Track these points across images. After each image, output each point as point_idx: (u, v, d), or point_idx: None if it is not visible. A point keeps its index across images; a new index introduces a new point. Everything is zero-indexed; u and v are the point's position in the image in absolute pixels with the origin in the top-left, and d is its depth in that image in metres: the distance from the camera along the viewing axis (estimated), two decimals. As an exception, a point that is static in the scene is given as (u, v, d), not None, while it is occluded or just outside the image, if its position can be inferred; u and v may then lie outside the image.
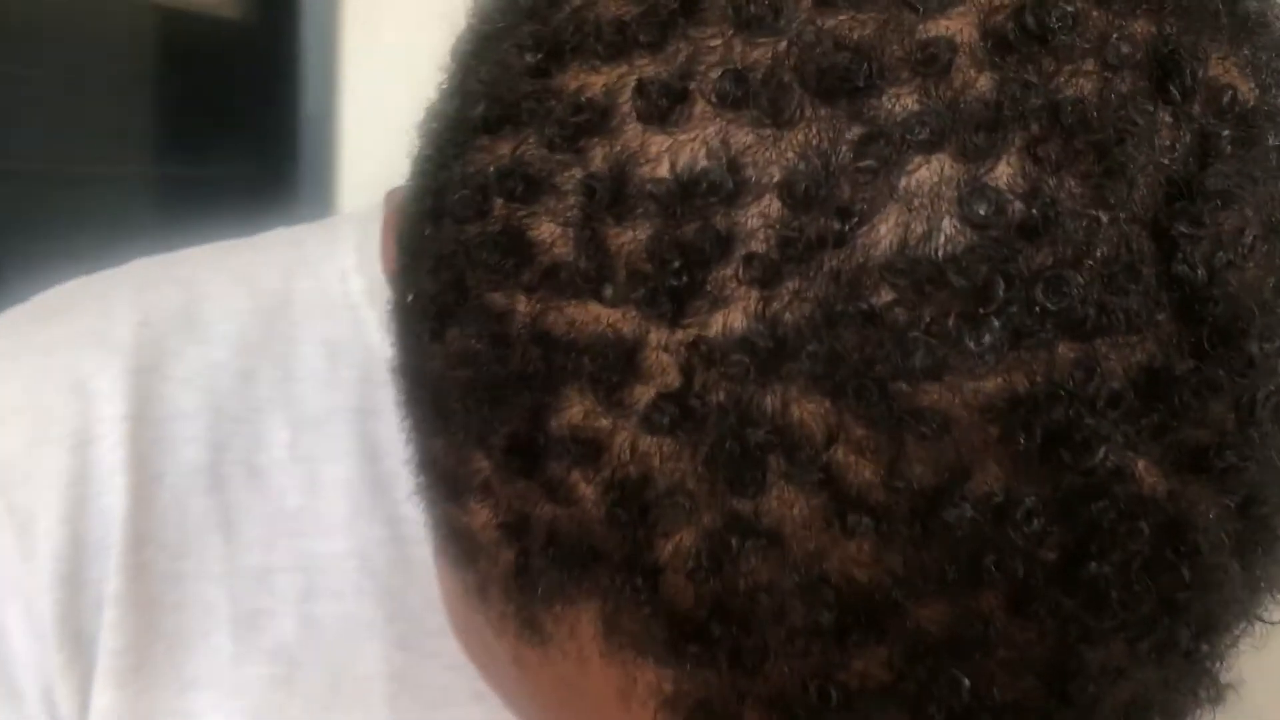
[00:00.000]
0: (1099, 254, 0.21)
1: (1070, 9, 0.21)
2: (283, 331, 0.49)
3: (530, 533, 0.26)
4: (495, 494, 0.26)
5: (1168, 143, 0.21)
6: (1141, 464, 0.22)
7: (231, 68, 1.05)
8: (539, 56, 0.24)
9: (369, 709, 0.47)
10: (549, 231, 0.24)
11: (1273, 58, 0.23)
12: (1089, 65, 0.21)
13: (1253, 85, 0.23)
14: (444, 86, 0.29)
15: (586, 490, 0.24)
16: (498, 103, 0.25)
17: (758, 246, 0.22)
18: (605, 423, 0.24)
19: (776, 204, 0.22)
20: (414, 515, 0.45)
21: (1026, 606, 0.22)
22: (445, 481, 0.28)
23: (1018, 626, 0.22)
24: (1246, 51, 0.23)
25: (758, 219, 0.22)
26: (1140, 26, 0.22)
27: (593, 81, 0.24)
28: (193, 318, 0.49)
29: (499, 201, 0.25)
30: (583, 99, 0.24)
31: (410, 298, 0.28)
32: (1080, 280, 0.21)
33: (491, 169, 0.25)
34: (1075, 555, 0.21)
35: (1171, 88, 0.21)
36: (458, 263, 0.26)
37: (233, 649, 0.47)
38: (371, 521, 0.48)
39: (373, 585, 0.47)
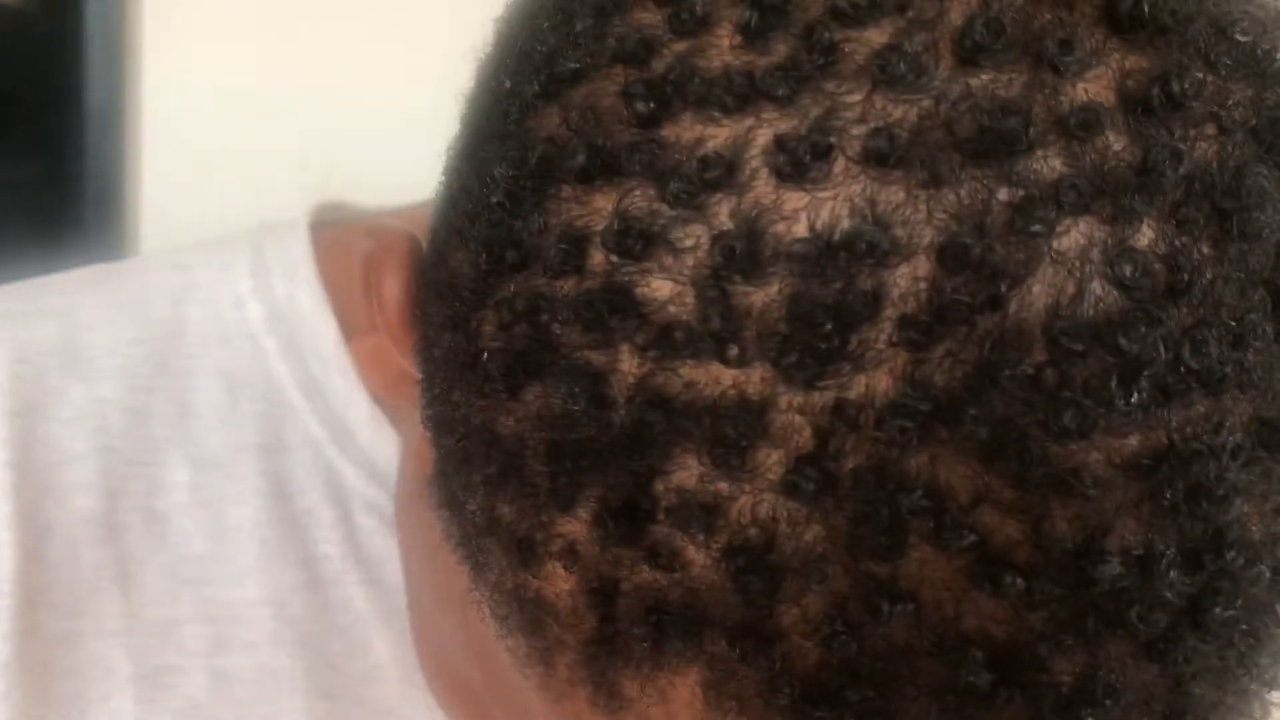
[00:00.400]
0: (1230, 313, 0.22)
1: (1199, 75, 0.22)
2: (176, 364, 0.46)
3: (621, 600, 0.25)
4: (582, 559, 0.25)
5: None
6: (1250, 509, 0.23)
7: (9, 57, 0.96)
8: (649, 105, 0.23)
9: None
10: (664, 289, 0.23)
11: None
12: (1209, 130, 0.22)
13: None
14: (487, 121, 0.28)
15: (697, 556, 0.23)
16: (594, 152, 0.24)
17: (909, 308, 0.21)
18: (724, 486, 0.23)
19: (927, 265, 0.21)
20: (334, 554, 0.43)
21: (1161, 652, 0.22)
22: (515, 545, 0.26)
23: (1147, 670, 0.22)
24: None
25: (908, 280, 0.21)
26: (1242, 90, 0.23)
27: (713, 134, 0.23)
28: (74, 352, 0.45)
29: (599, 256, 0.24)
30: (705, 152, 0.23)
31: (474, 353, 0.26)
32: (1215, 337, 0.21)
33: (591, 223, 0.24)
34: (1203, 600, 0.22)
35: (1276, 150, 0.22)
36: (541, 319, 0.24)
37: (135, 711, 0.43)
38: (284, 565, 0.45)
39: (290, 633, 0.45)
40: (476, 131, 0.28)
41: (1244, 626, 0.23)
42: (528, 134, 0.26)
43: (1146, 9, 0.22)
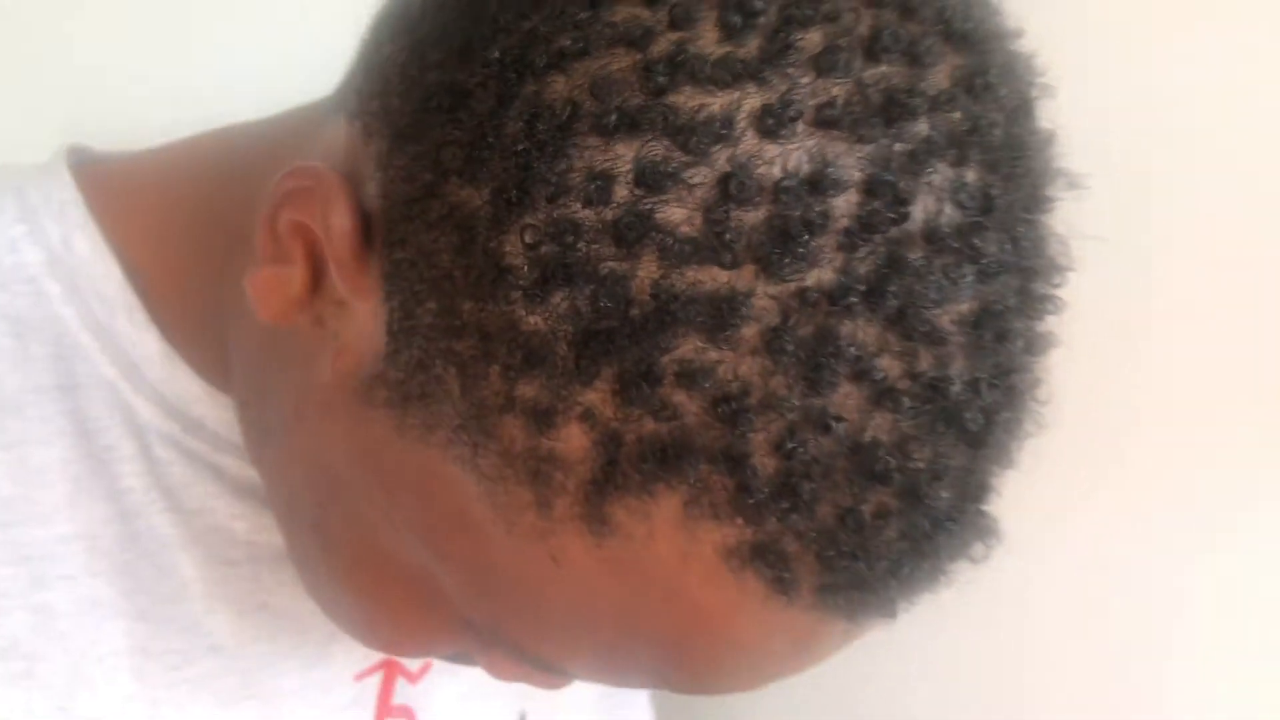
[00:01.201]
0: (1014, 224, 0.34)
1: (1000, 61, 0.34)
2: None
3: (625, 447, 0.33)
4: (598, 420, 0.33)
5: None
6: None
7: None
8: (660, 79, 0.32)
9: (115, 686, 0.47)
10: (678, 214, 0.32)
11: None
12: (1000, 108, 0.35)
13: None
14: (463, 83, 0.34)
15: (691, 406, 0.33)
16: (617, 111, 0.32)
17: (845, 223, 0.32)
18: (714, 354, 0.32)
19: (857, 195, 0.32)
20: (137, 486, 0.46)
21: (979, 441, 0.35)
22: (535, 415, 0.33)
23: (966, 454, 0.35)
24: None
25: (844, 204, 0.32)
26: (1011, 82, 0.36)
27: (710, 102, 0.32)
28: None
29: (624, 190, 0.32)
30: (706, 114, 0.32)
31: (495, 269, 0.33)
32: (1021, 240, 0.34)
33: (615, 165, 0.32)
34: (997, 414, 0.35)
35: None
36: (568, 239, 0.32)
37: None
38: (93, 500, 0.47)
39: (105, 564, 0.47)
40: (449, 91, 0.35)
41: (1014, 419, 0.36)
42: (538, 96, 0.33)
43: (970, 27, 0.34)
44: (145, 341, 0.48)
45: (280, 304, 0.40)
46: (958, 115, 0.33)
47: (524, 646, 0.39)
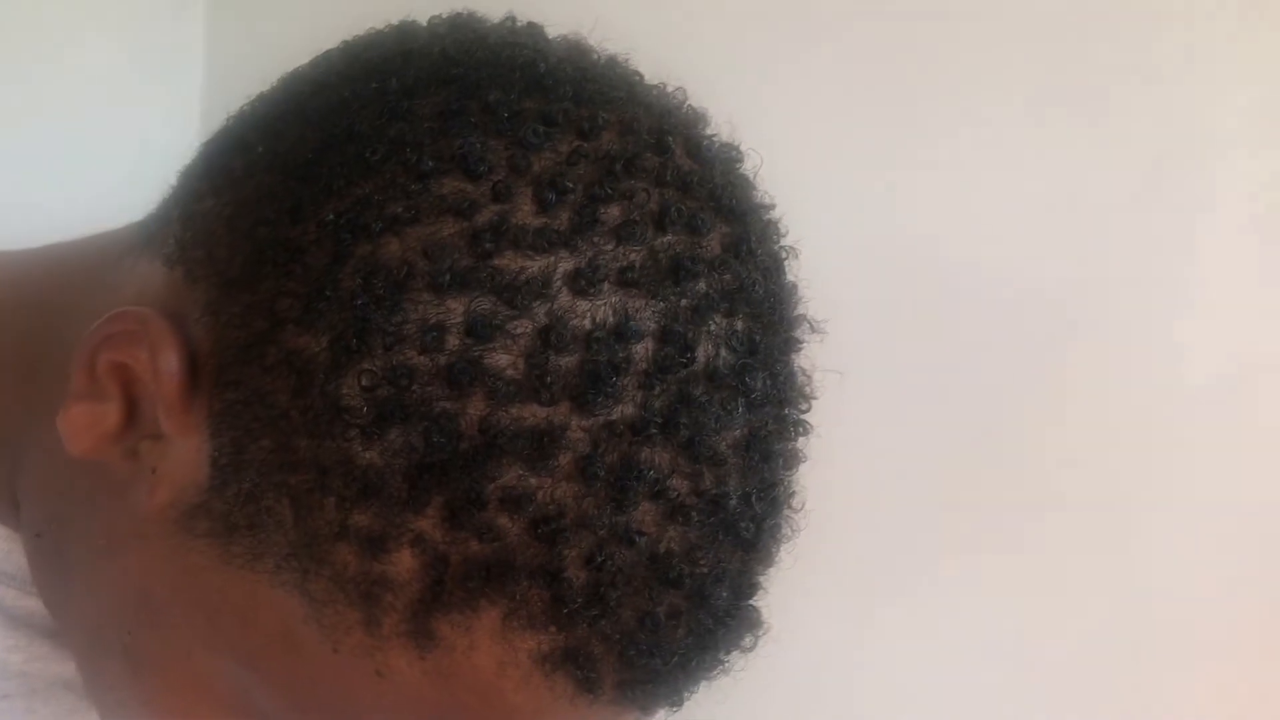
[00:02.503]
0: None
1: (752, 238, 0.41)
2: None
3: (451, 568, 0.37)
4: (427, 544, 0.37)
5: None
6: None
7: None
8: (486, 245, 0.36)
9: None
10: (503, 360, 0.36)
11: None
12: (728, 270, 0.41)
13: None
14: (296, 238, 0.37)
15: (513, 528, 0.37)
16: (447, 272, 0.36)
17: (642, 366, 0.38)
18: (534, 481, 0.37)
19: (653, 342, 0.38)
20: None
21: (750, 545, 0.41)
22: (368, 543, 0.37)
23: (740, 558, 0.41)
24: None
25: (642, 350, 0.38)
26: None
27: (529, 265, 0.37)
28: None
29: (454, 340, 0.36)
30: (527, 276, 0.37)
31: (330, 409, 0.36)
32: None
33: (447, 318, 0.36)
34: (763, 535, 0.41)
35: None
36: (403, 381, 0.36)
37: None
38: None
39: None
40: (282, 246, 0.38)
41: (776, 525, 0.42)
42: (373, 255, 0.37)
43: (733, 202, 0.41)
44: None
45: (93, 439, 0.41)
46: (728, 276, 0.40)
47: None
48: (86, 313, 0.45)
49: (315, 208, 0.38)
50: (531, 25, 0.44)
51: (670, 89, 0.44)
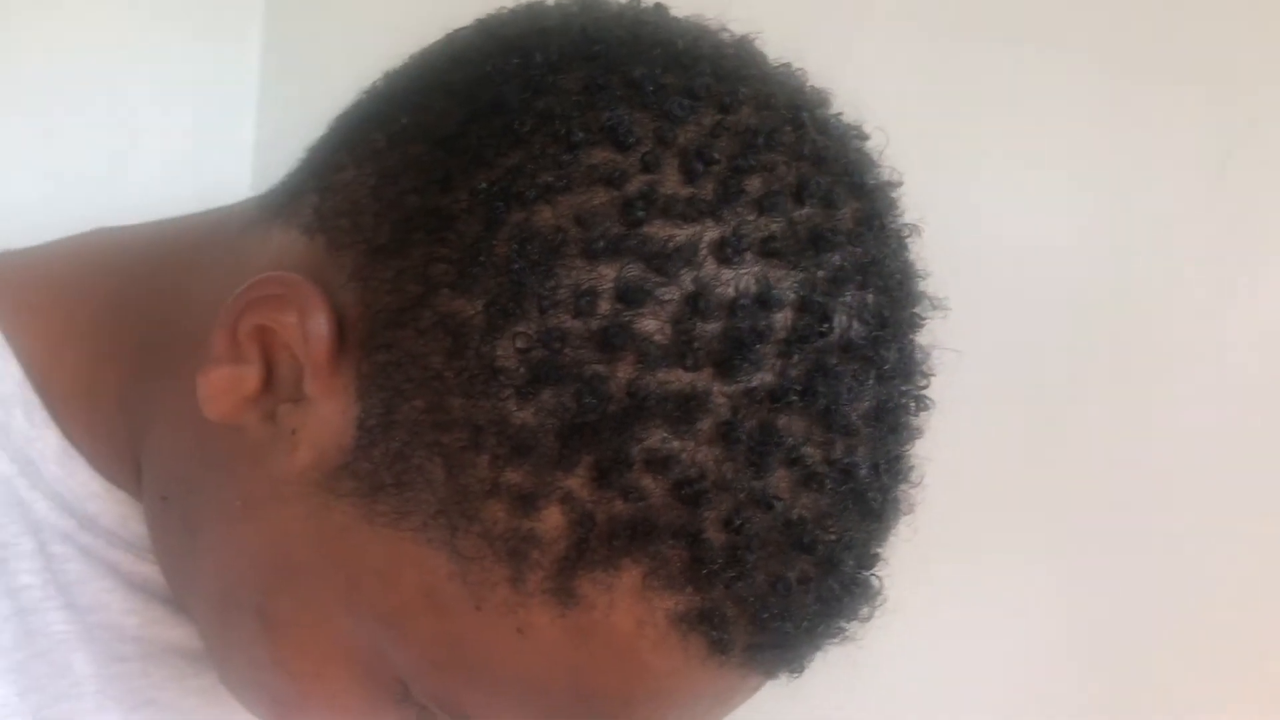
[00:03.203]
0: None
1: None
2: None
3: (595, 523, 0.38)
4: (575, 503, 0.38)
5: None
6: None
7: None
8: (637, 213, 0.38)
9: None
10: (651, 325, 0.37)
11: None
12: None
13: None
14: (448, 206, 0.39)
15: (656, 489, 0.38)
16: (601, 239, 0.37)
17: (782, 334, 0.39)
18: (677, 444, 0.38)
19: (792, 312, 0.39)
20: (34, 583, 0.47)
21: (878, 514, 0.42)
22: (519, 500, 0.38)
23: (872, 529, 0.42)
24: None
25: (781, 319, 0.39)
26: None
27: (677, 233, 0.38)
28: None
29: (606, 305, 0.37)
30: (675, 244, 0.38)
31: (487, 370, 0.37)
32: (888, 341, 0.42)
33: (599, 284, 0.37)
34: (890, 506, 0.42)
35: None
36: (556, 345, 0.37)
37: None
38: None
39: (4, 663, 0.47)
40: (433, 214, 0.39)
41: (899, 499, 0.43)
42: (527, 222, 0.38)
43: (863, 177, 0.42)
44: (44, 438, 0.49)
45: (231, 403, 0.42)
46: (860, 250, 0.41)
47: (474, 716, 0.42)
48: (213, 282, 0.46)
49: (466, 177, 0.39)
50: (659, 5, 0.45)
51: (793, 68, 0.45)
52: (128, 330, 0.49)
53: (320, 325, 0.40)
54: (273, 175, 0.48)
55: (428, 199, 0.40)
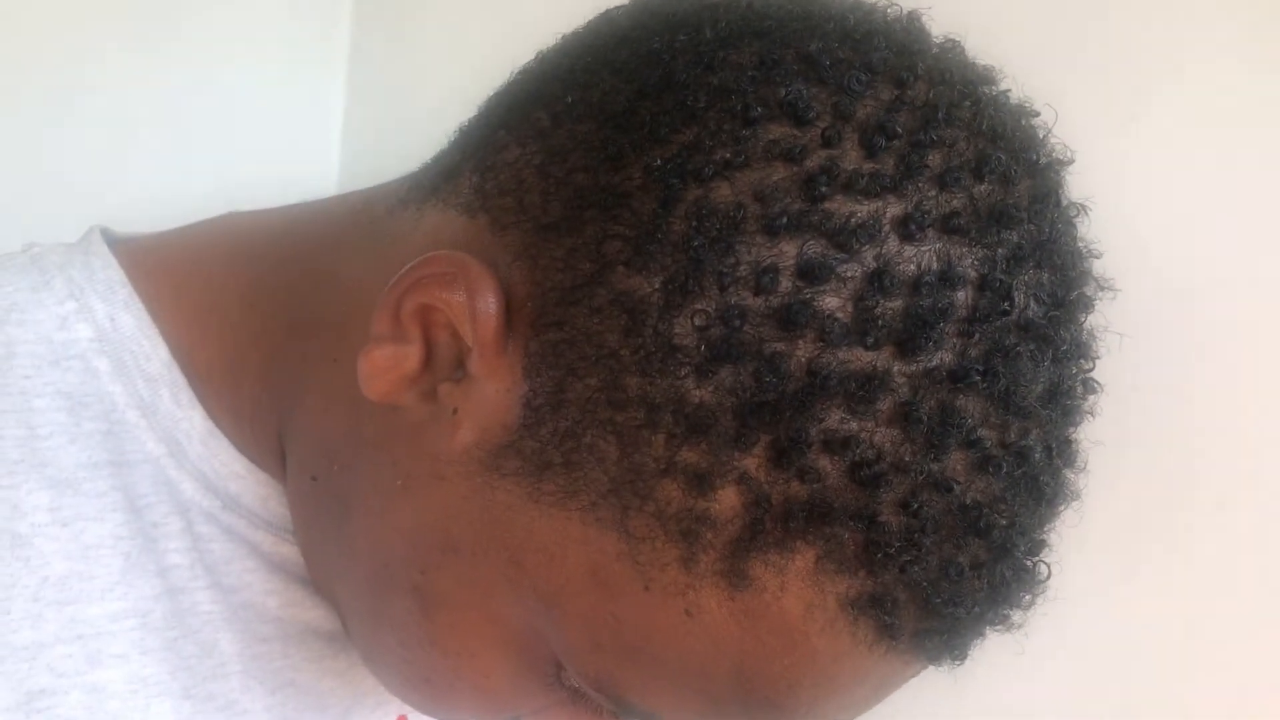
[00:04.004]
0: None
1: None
2: (15, 385, 0.46)
3: (772, 508, 0.37)
4: (752, 483, 0.37)
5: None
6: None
7: None
8: (820, 189, 0.37)
9: None
10: (833, 303, 0.37)
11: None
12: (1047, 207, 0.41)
13: None
14: (619, 184, 0.38)
15: (833, 471, 0.37)
16: (782, 214, 0.37)
17: (962, 314, 0.38)
18: (855, 425, 0.37)
19: (973, 290, 0.38)
20: (183, 563, 0.48)
21: (1050, 500, 0.41)
22: (695, 479, 0.37)
23: (1041, 513, 0.41)
24: None
25: (962, 298, 0.38)
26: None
27: (858, 209, 0.37)
28: None
29: (787, 282, 0.37)
30: (857, 220, 0.37)
31: (664, 348, 0.37)
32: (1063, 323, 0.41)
33: (780, 260, 0.37)
34: (1058, 495, 0.41)
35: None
36: (735, 322, 0.37)
37: None
38: (144, 576, 0.47)
39: (155, 641, 0.47)
40: (605, 191, 0.39)
41: (1069, 484, 0.42)
42: (704, 199, 0.37)
43: (1035, 156, 0.41)
44: (189, 419, 0.49)
45: (391, 381, 0.42)
46: (1035, 228, 0.40)
47: (630, 699, 0.42)
48: (364, 262, 0.46)
49: (639, 154, 0.39)
50: None
51: (958, 45, 0.44)
52: (272, 311, 0.49)
53: (489, 304, 0.40)
54: (362, 172, 0.48)
55: (599, 177, 0.39)
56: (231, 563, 0.50)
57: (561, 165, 0.40)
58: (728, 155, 0.38)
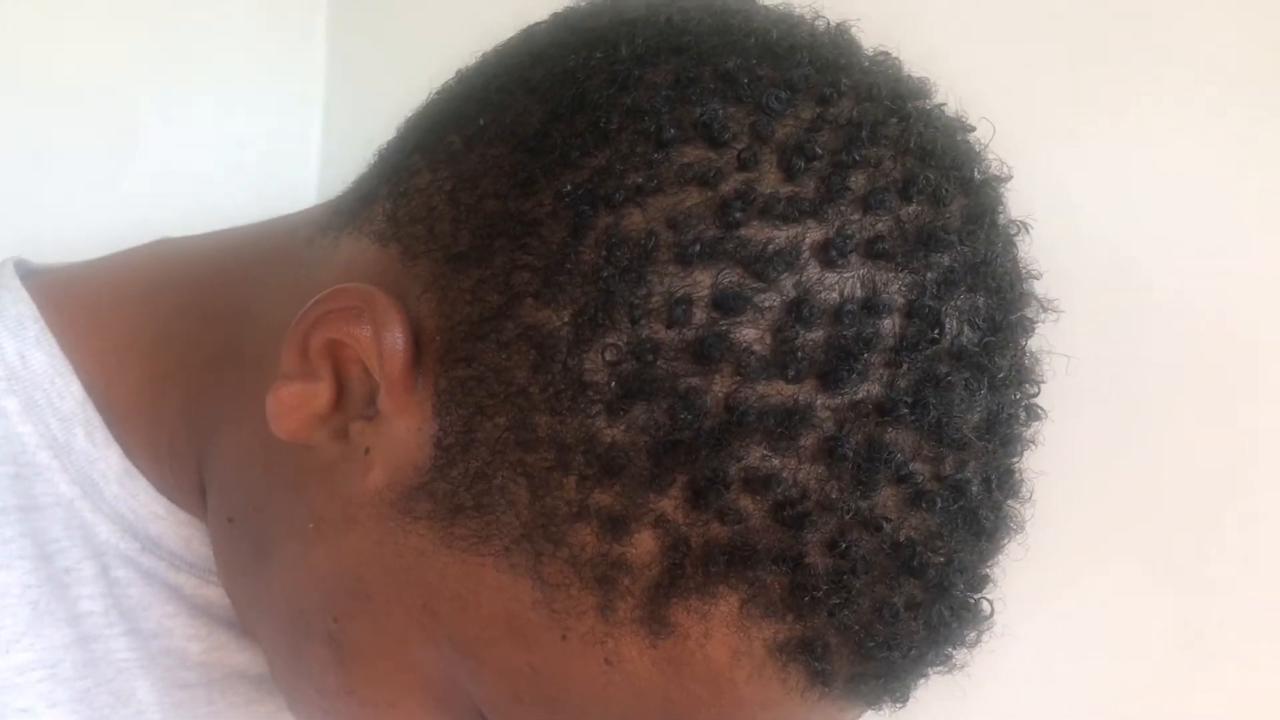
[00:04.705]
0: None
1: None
2: None
3: (690, 547, 0.35)
4: (669, 526, 0.35)
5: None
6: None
7: None
8: (735, 214, 0.35)
9: None
10: (750, 334, 0.35)
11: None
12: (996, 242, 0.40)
13: None
14: (531, 212, 0.36)
15: (755, 511, 0.35)
16: (695, 242, 0.35)
17: (889, 343, 0.36)
18: (778, 462, 0.35)
19: (899, 318, 0.36)
20: (97, 610, 0.45)
21: (990, 534, 0.39)
22: (609, 523, 0.35)
23: (979, 549, 0.39)
24: None
25: (889, 326, 0.36)
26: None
27: (776, 235, 0.35)
28: None
29: (701, 314, 0.35)
30: (774, 246, 0.35)
31: (574, 385, 0.35)
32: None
33: (694, 290, 0.35)
34: (1000, 524, 0.39)
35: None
36: (648, 357, 0.35)
37: None
38: (54, 624, 0.45)
39: (64, 693, 0.45)
40: (514, 219, 0.37)
41: (1011, 516, 0.40)
42: (615, 226, 0.35)
43: (970, 173, 0.39)
44: (106, 458, 0.47)
45: (301, 420, 0.40)
46: (969, 249, 0.38)
47: None
48: (279, 295, 0.44)
49: (550, 179, 0.37)
50: None
51: (891, 58, 0.42)
52: (191, 346, 0.47)
53: (396, 339, 0.38)
54: (341, 181, 0.46)
55: (509, 203, 0.37)
56: (150, 607, 0.48)
57: (472, 191, 0.38)
58: (640, 180, 0.36)
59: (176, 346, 0.47)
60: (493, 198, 0.38)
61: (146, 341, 0.48)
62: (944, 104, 0.41)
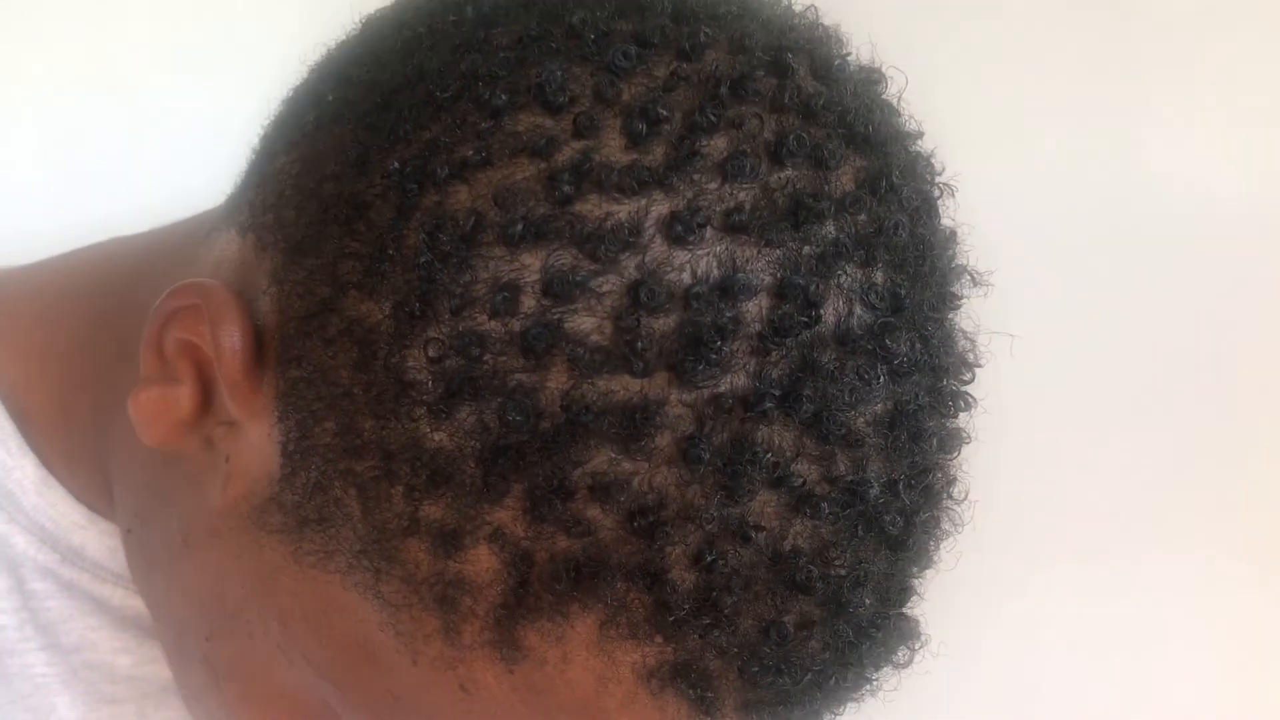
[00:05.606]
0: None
1: (892, 173, 0.34)
2: None
3: (537, 568, 0.32)
4: (508, 540, 0.32)
5: None
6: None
7: None
8: (566, 188, 0.31)
9: None
10: (587, 323, 0.31)
11: None
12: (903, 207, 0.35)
13: None
14: (361, 193, 0.33)
15: (605, 521, 0.31)
16: (521, 220, 0.31)
17: (756, 328, 0.31)
18: (627, 466, 0.31)
19: (767, 299, 0.32)
20: (10, 624, 0.44)
21: (897, 542, 0.34)
22: (441, 539, 0.32)
23: (886, 558, 0.34)
24: None
25: (755, 309, 0.31)
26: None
27: (616, 210, 0.31)
28: None
29: (530, 301, 0.31)
30: (613, 223, 0.31)
31: (396, 385, 0.31)
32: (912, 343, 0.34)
33: (521, 275, 0.31)
34: (915, 515, 0.34)
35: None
36: (474, 351, 0.31)
37: None
38: None
39: None
40: (346, 202, 0.34)
41: (932, 519, 0.35)
42: (440, 206, 0.32)
43: (870, 129, 0.34)
44: (21, 467, 0.45)
45: (166, 426, 0.38)
46: (863, 217, 0.33)
47: None
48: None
49: (381, 157, 0.33)
50: None
51: (797, 6, 0.37)
52: (99, 351, 0.45)
53: (232, 337, 0.35)
54: None
55: (343, 185, 0.34)
56: (71, 620, 0.46)
57: (315, 174, 0.35)
58: (468, 153, 0.32)
59: (92, 350, 0.45)
60: (331, 180, 0.35)
61: (60, 347, 0.46)
62: (849, 53, 0.36)
